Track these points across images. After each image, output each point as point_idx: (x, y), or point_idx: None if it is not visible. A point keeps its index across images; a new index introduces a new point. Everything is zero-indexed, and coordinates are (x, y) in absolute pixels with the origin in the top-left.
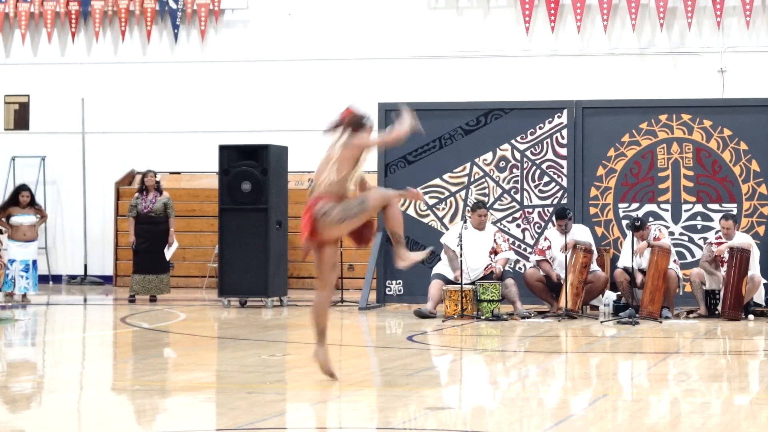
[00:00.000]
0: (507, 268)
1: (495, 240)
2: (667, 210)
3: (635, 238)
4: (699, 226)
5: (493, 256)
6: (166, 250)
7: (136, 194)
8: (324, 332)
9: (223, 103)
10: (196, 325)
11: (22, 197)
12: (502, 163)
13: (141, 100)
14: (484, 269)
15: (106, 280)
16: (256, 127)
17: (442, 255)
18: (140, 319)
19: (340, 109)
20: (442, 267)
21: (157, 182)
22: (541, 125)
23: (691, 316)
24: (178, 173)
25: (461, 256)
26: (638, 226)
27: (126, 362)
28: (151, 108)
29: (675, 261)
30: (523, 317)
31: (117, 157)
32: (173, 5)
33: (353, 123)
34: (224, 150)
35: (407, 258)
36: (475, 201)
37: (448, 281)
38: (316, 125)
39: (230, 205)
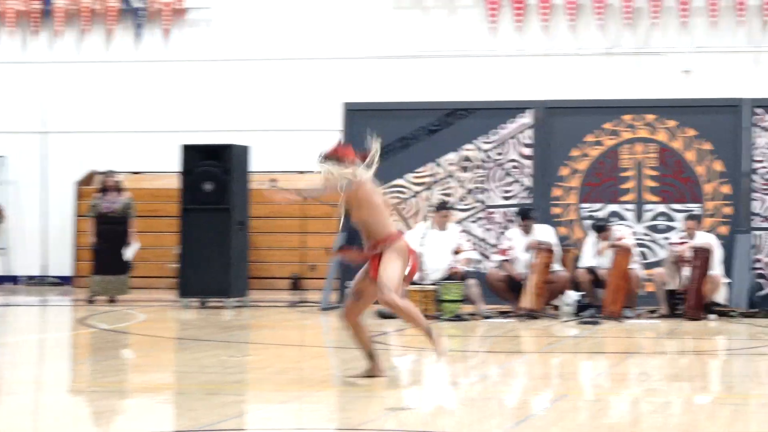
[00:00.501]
0: (469, 267)
1: (458, 240)
2: (630, 210)
3: (598, 239)
4: (662, 226)
5: (455, 255)
6: (126, 251)
7: (97, 194)
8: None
9: (185, 103)
10: (156, 326)
11: None
12: (466, 163)
13: (103, 100)
14: (447, 269)
15: (65, 280)
16: (219, 126)
17: None
18: (99, 320)
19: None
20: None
21: (118, 182)
22: (505, 125)
23: (652, 315)
24: (140, 173)
25: (421, 256)
26: (601, 228)
27: (84, 364)
28: (112, 107)
29: (637, 261)
30: (485, 317)
31: (77, 156)
32: (136, 4)
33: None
34: (186, 150)
35: (441, 349)
36: (438, 201)
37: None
38: (279, 125)
39: (192, 206)
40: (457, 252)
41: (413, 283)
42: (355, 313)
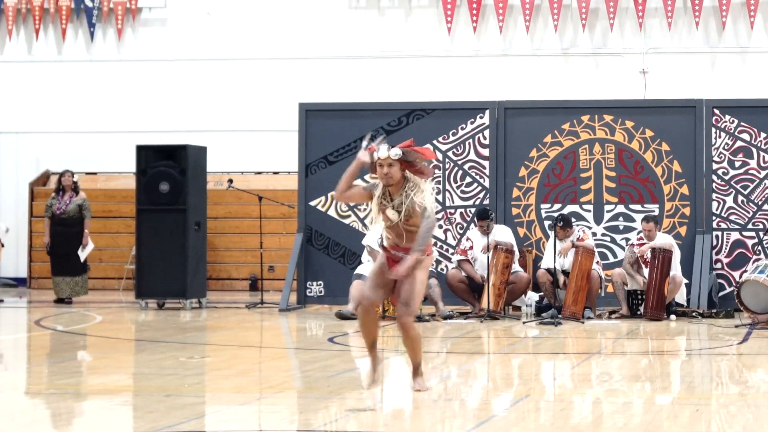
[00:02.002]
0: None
1: None
2: (589, 211)
3: (558, 238)
4: (621, 227)
5: None
6: (80, 252)
7: (53, 194)
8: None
9: (140, 103)
10: (113, 328)
11: None
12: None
13: (56, 100)
14: None
15: (19, 282)
16: (175, 127)
17: (364, 257)
18: (55, 322)
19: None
20: (363, 268)
21: (75, 183)
22: (463, 126)
23: (613, 316)
24: (95, 174)
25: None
26: (562, 224)
27: (41, 365)
28: (66, 107)
29: (597, 262)
30: (446, 318)
31: (31, 157)
32: (89, 3)
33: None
34: (142, 150)
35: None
36: None
37: None
38: (236, 126)
39: (148, 206)
40: None
41: None
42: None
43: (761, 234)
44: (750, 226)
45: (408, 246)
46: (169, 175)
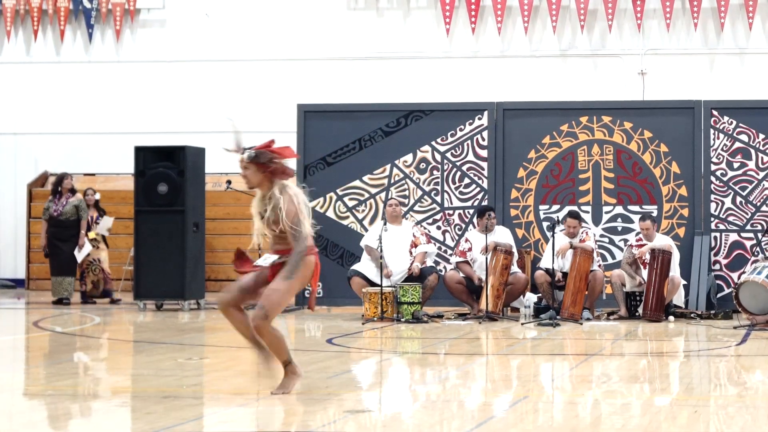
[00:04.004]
0: (427, 261)
1: (413, 234)
2: (587, 212)
3: (568, 231)
4: (619, 228)
5: (413, 250)
6: (76, 252)
7: (50, 197)
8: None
9: (138, 104)
10: (111, 329)
11: None
12: (423, 165)
13: (55, 101)
14: (407, 270)
15: (18, 283)
16: (173, 128)
17: (363, 258)
18: (54, 323)
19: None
20: (361, 265)
21: (72, 186)
22: (462, 127)
23: (611, 317)
24: (93, 175)
25: (382, 257)
26: (573, 215)
27: (39, 367)
28: (65, 109)
29: (599, 264)
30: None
31: (30, 158)
32: (87, 5)
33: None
34: (140, 151)
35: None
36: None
37: (367, 279)
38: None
39: (146, 207)
40: (414, 246)
41: (372, 285)
42: (236, 304)
43: (760, 235)
44: (748, 227)
45: (280, 249)
46: (168, 176)
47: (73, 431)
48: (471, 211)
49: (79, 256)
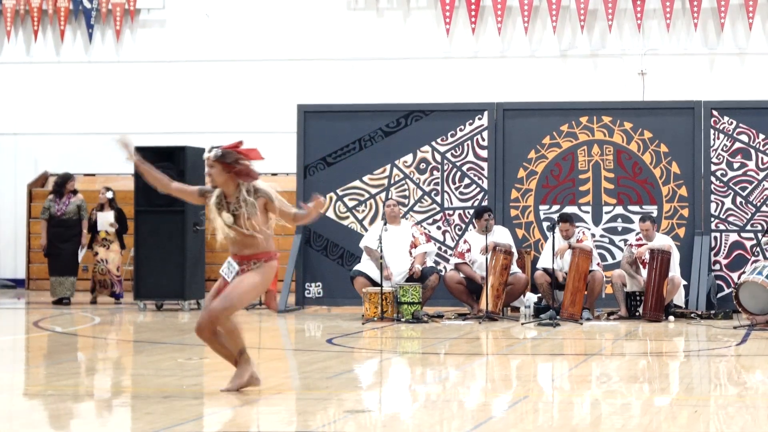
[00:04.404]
0: (427, 261)
1: (413, 234)
2: (587, 212)
3: (559, 233)
4: (619, 228)
5: (413, 250)
6: (80, 251)
7: (50, 196)
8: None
9: (138, 104)
10: (111, 329)
11: None
12: (423, 165)
13: (55, 101)
14: (408, 271)
15: (18, 283)
16: (173, 128)
17: (363, 258)
18: (54, 323)
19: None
20: (364, 265)
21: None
22: (462, 127)
23: (611, 317)
24: (93, 175)
25: (382, 257)
26: (565, 218)
27: (39, 367)
28: (65, 109)
29: (598, 263)
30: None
31: (30, 158)
32: (87, 5)
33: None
34: (140, 151)
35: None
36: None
37: (370, 279)
38: (234, 127)
39: (146, 208)
40: (414, 246)
41: (376, 285)
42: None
43: (760, 235)
44: (748, 227)
45: (247, 254)
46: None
47: (73, 431)
48: (471, 211)
49: (82, 254)
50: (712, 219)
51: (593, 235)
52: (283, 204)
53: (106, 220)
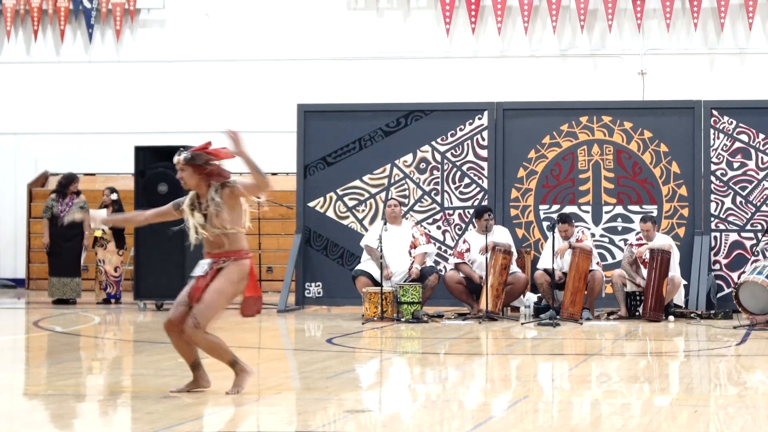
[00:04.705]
0: (427, 261)
1: (413, 235)
2: (587, 212)
3: (558, 234)
4: (619, 228)
5: (413, 251)
6: (83, 252)
7: (52, 196)
8: None
9: (138, 104)
10: (111, 329)
11: None
12: (423, 165)
13: (55, 101)
14: (407, 271)
15: (18, 283)
16: (173, 128)
17: (363, 258)
18: (54, 323)
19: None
20: (365, 265)
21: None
22: (462, 127)
23: (611, 317)
24: (93, 175)
25: (382, 257)
26: (563, 219)
27: (39, 367)
28: (65, 108)
29: (598, 263)
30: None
31: (30, 158)
32: (87, 4)
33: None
34: (140, 151)
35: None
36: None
37: (372, 279)
38: (234, 126)
39: (146, 207)
40: (414, 247)
41: (376, 284)
42: (182, 321)
43: (760, 235)
44: (748, 227)
45: (217, 252)
46: (168, 176)
47: (74, 431)
48: (471, 211)
49: (83, 256)
50: (712, 219)
51: (593, 235)
52: (243, 182)
53: (99, 216)
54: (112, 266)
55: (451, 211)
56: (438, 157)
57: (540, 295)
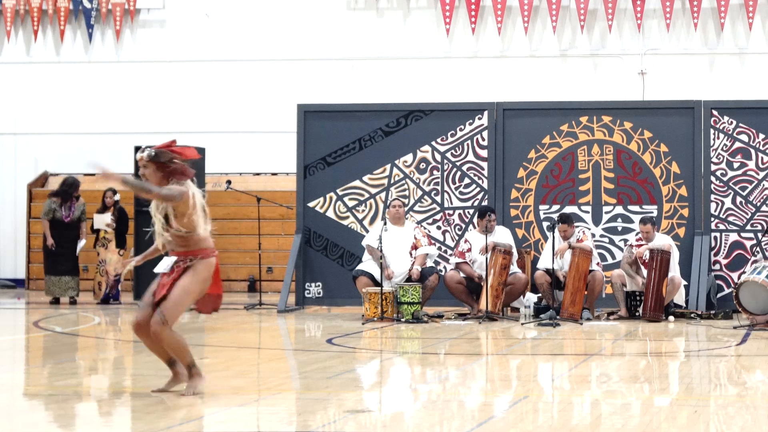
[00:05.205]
0: (428, 263)
1: (415, 236)
2: (587, 212)
3: (559, 234)
4: (619, 228)
5: (414, 252)
6: (78, 244)
7: (53, 198)
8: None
9: (138, 104)
10: (111, 329)
11: None
12: (423, 165)
13: (55, 101)
14: (408, 271)
15: (18, 283)
16: (173, 128)
17: (364, 257)
18: (54, 323)
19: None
20: (366, 265)
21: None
22: (462, 127)
23: (611, 317)
24: (93, 175)
25: (382, 257)
26: (564, 219)
27: (39, 367)
28: (65, 109)
29: (598, 263)
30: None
31: (30, 158)
32: (87, 5)
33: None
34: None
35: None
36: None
37: (373, 279)
38: (234, 127)
39: (146, 207)
40: (415, 248)
41: (377, 284)
42: (148, 319)
43: (760, 235)
44: (748, 227)
45: (181, 251)
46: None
47: (74, 431)
48: (471, 211)
49: (79, 246)
50: (712, 219)
51: (593, 235)
52: (175, 194)
53: (102, 219)
54: (113, 266)
55: (451, 212)
56: (438, 157)
57: (540, 295)
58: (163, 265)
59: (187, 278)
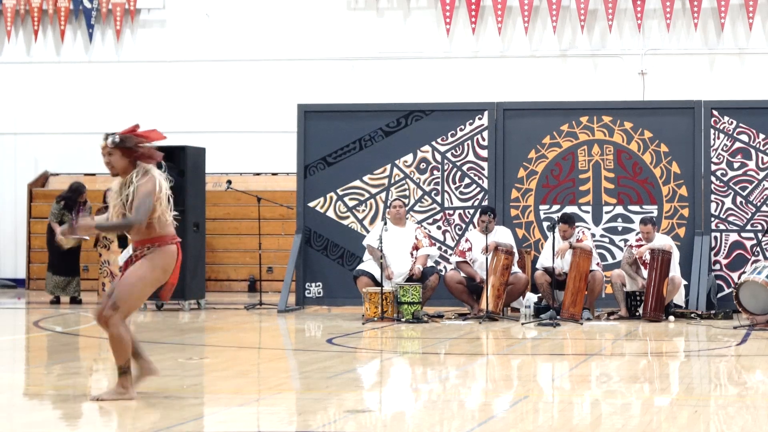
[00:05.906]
0: (429, 263)
1: (416, 237)
2: (588, 212)
3: (559, 234)
4: (619, 228)
5: (415, 252)
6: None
7: (61, 203)
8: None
9: (139, 104)
10: None
11: None
12: (423, 165)
13: (55, 101)
14: (409, 271)
15: (18, 283)
16: (173, 128)
17: (365, 257)
18: (54, 323)
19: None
20: (367, 265)
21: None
22: (462, 127)
23: (611, 317)
24: (93, 175)
25: (382, 257)
26: (565, 220)
27: (39, 367)
28: (65, 109)
29: (598, 263)
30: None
31: (30, 158)
32: (88, 5)
33: None
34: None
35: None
36: (393, 198)
37: (374, 279)
38: (234, 127)
39: None
40: (416, 248)
41: (377, 284)
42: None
43: (760, 235)
44: (748, 227)
45: (139, 239)
46: (168, 175)
47: (74, 431)
48: (471, 211)
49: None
50: (712, 219)
51: (593, 235)
52: (143, 196)
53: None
54: (117, 266)
55: (451, 212)
56: (438, 157)
57: (540, 295)
58: (123, 256)
59: (142, 266)
